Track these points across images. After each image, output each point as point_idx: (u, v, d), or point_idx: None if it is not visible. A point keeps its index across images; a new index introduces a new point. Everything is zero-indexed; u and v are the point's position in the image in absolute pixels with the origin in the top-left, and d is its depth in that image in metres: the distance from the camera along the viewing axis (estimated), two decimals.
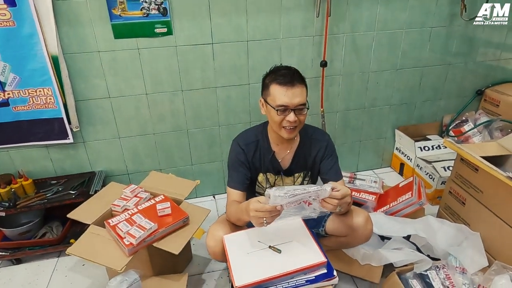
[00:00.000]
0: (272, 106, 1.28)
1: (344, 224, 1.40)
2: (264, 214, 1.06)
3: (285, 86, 1.24)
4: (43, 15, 1.62)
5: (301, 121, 1.30)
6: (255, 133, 1.45)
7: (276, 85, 1.26)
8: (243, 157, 1.40)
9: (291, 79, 1.25)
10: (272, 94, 1.28)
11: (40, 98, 1.78)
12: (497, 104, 2.32)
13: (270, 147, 1.43)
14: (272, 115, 1.30)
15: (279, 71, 1.28)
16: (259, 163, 1.44)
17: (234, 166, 1.42)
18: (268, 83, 1.30)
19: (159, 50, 1.83)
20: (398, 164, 2.48)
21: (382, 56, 2.15)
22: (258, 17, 1.87)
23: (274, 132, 1.38)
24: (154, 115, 2.00)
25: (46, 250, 1.78)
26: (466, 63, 2.31)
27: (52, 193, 1.84)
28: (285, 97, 1.24)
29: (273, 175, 1.47)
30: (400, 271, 1.47)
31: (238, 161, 1.41)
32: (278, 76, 1.26)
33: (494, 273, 1.39)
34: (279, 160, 1.45)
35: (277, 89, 1.26)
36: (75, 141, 1.94)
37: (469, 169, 1.66)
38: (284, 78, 1.25)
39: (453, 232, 1.63)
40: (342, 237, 1.47)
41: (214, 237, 1.32)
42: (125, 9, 1.71)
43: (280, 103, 1.25)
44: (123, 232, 1.37)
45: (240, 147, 1.41)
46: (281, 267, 1.08)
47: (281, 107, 1.25)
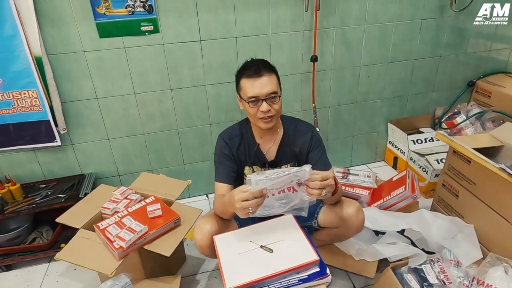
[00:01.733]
0: (245, 100, 1.30)
1: (335, 215, 1.41)
2: (249, 203, 1.06)
3: (252, 78, 1.27)
4: (25, 15, 1.58)
5: (276, 109, 1.31)
6: (239, 127, 1.47)
7: (244, 78, 1.30)
8: (227, 151, 1.42)
9: (257, 70, 1.27)
10: (243, 88, 1.31)
11: (25, 100, 1.74)
12: (488, 95, 2.32)
13: (254, 140, 1.44)
14: (247, 108, 1.33)
15: (247, 65, 1.32)
16: (244, 156, 1.45)
17: (220, 160, 1.43)
18: (238, 78, 1.34)
19: (146, 49, 1.80)
20: (391, 158, 2.48)
21: (373, 49, 2.13)
22: (246, 12, 1.84)
23: (255, 125, 1.40)
24: (143, 115, 1.96)
25: (36, 255, 1.75)
26: (457, 55, 2.30)
27: (41, 197, 1.80)
28: (253, 88, 1.27)
29: (259, 167, 1.48)
30: (395, 266, 1.46)
31: (223, 154, 1.42)
32: (245, 70, 1.30)
33: (488, 265, 1.39)
34: (264, 153, 1.45)
35: (245, 82, 1.29)
36: (63, 143, 1.90)
37: (461, 161, 1.65)
38: (250, 70, 1.28)
39: (447, 225, 1.62)
40: (334, 228, 1.47)
41: (200, 230, 1.33)
42: (110, 7, 1.67)
43: (250, 95, 1.28)
44: (112, 236, 1.35)
45: (224, 141, 1.43)
46: (273, 267, 1.06)
47: (252, 98, 1.28)
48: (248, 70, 1.29)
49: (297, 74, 2.06)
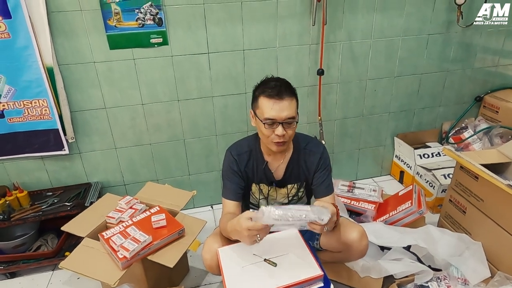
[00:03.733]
0: (260, 119, 1.25)
1: (337, 240, 1.36)
2: (257, 232, 1.04)
3: (273, 99, 1.22)
4: (38, 26, 1.63)
5: (290, 135, 1.27)
6: (248, 143, 1.43)
7: (264, 97, 1.24)
8: (235, 167, 1.39)
9: (279, 92, 1.21)
10: (260, 107, 1.25)
11: (35, 109, 1.78)
12: (496, 111, 2.30)
13: (262, 157, 1.41)
14: (260, 127, 1.28)
15: (268, 83, 1.25)
16: (252, 173, 1.42)
17: (228, 176, 1.40)
18: (257, 95, 1.27)
19: (154, 60, 1.83)
20: (398, 172, 2.46)
21: (380, 63, 2.14)
22: (253, 26, 1.86)
23: (265, 144, 1.37)
24: (150, 125, 1.98)
25: (40, 263, 1.76)
26: (464, 70, 2.30)
27: (48, 205, 1.81)
28: (272, 110, 1.22)
29: (266, 185, 1.44)
30: (400, 283, 1.44)
31: (231, 170, 1.39)
32: (266, 88, 1.23)
33: (497, 284, 1.36)
34: (273, 171, 1.42)
35: (265, 102, 1.23)
36: (70, 152, 1.92)
37: (469, 177, 1.63)
38: (272, 90, 1.22)
39: (454, 241, 1.59)
40: (337, 252, 1.43)
41: (210, 250, 1.29)
42: (121, 20, 1.71)
43: (268, 116, 1.23)
44: (116, 245, 1.35)
45: (233, 157, 1.40)
46: (277, 281, 1.05)
47: (269, 120, 1.23)
48: (270, 89, 1.22)
49: (303, 87, 2.07)
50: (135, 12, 1.70)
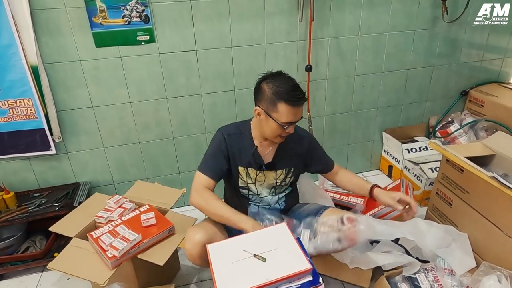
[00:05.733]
0: (278, 122, 1.30)
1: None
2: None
3: (295, 107, 1.29)
4: (22, 25, 1.60)
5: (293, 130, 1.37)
6: (239, 127, 1.47)
7: (286, 104, 1.27)
8: (223, 147, 1.41)
9: (301, 100, 1.29)
10: (280, 112, 1.29)
11: (21, 109, 1.75)
12: (481, 105, 2.35)
13: (252, 142, 1.44)
14: (272, 127, 1.33)
15: (293, 93, 1.28)
16: (239, 155, 1.44)
17: (213, 153, 1.42)
18: (275, 99, 1.28)
19: (142, 58, 1.82)
20: (386, 166, 2.49)
21: (367, 59, 2.16)
22: (241, 23, 1.86)
23: (258, 131, 1.41)
24: (139, 124, 1.97)
25: (29, 265, 1.73)
26: (450, 65, 2.34)
27: (35, 206, 1.79)
28: (292, 115, 1.30)
29: (255, 170, 1.46)
30: (389, 275, 1.47)
31: (219, 148, 1.41)
32: (290, 96, 1.27)
33: (482, 274, 1.39)
34: (262, 155, 1.45)
35: (286, 108, 1.28)
36: (58, 152, 1.90)
37: (454, 170, 1.66)
38: (298, 100, 1.28)
39: (441, 234, 1.62)
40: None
41: (191, 240, 1.32)
42: (106, 17, 1.69)
43: (287, 121, 1.30)
44: (105, 245, 1.34)
45: (223, 136, 1.42)
46: (266, 276, 1.06)
47: (288, 124, 1.31)
48: (293, 98, 1.27)
49: None
50: (121, 9, 1.68)
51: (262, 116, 1.35)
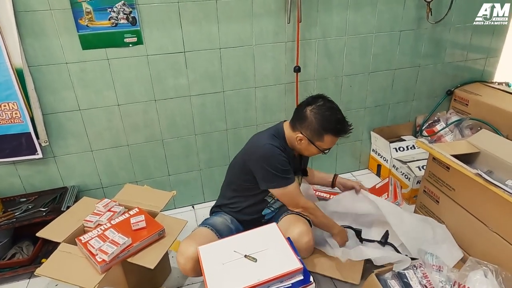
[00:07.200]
0: (319, 149, 1.43)
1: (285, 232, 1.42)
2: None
3: (338, 137, 1.42)
4: (5, 26, 1.57)
5: None
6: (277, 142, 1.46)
7: (333, 136, 1.40)
8: (284, 157, 1.43)
9: (350, 133, 1.42)
10: (325, 141, 1.41)
11: (5, 113, 1.72)
12: (466, 104, 2.40)
13: (292, 152, 1.52)
14: (312, 151, 1.46)
15: (339, 124, 1.39)
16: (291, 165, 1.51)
17: (284, 164, 1.41)
18: (322, 132, 1.39)
19: (129, 60, 1.80)
20: (375, 165, 2.52)
21: (355, 60, 2.18)
22: (229, 24, 1.86)
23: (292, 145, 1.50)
24: (127, 126, 1.95)
25: (16, 271, 1.70)
26: (435, 65, 2.38)
27: (21, 211, 1.76)
28: (333, 143, 1.44)
29: (299, 176, 1.62)
30: (379, 272, 1.48)
31: (284, 160, 1.41)
32: (340, 130, 1.40)
33: (469, 269, 1.42)
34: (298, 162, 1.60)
35: (331, 139, 1.41)
36: (44, 156, 1.87)
37: (441, 168, 1.69)
38: (343, 132, 1.41)
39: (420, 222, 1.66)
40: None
41: (183, 255, 1.33)
42: (93, 19, 1.67)
43: (328, 147, 1.44)
44: (95, 249, 1.32)
45: (278, 149, 1.41)
46: (257, 276, 1.07)
47: (327, 150, 1.45)
48: (342, 132, 1.40)
49: (281, 84, 2.09)
50: (107, 11, 1.67)
51: (304, 142, 1.43)
